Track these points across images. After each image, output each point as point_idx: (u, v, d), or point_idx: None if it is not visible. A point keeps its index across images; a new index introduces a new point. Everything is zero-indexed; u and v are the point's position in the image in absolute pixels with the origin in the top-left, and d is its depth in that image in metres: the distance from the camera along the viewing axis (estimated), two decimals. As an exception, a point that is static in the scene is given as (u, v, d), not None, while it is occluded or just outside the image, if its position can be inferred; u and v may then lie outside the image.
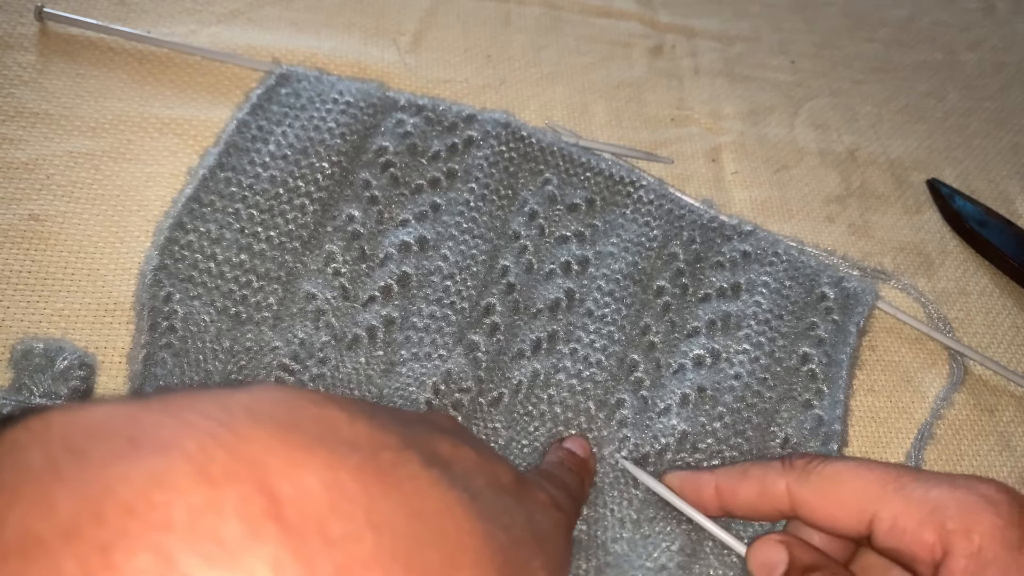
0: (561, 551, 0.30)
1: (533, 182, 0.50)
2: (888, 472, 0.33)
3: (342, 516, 0.18)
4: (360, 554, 0.18)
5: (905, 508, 0.32)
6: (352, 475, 0.19)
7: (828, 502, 0.34)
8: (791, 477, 0.35)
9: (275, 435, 0.19)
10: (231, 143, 0.47)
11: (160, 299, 0.41)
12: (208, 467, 0.17)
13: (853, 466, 0.34)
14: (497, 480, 0.27)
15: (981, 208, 0.57)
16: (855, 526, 0.33)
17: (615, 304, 0.45)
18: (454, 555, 0.21)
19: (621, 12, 0.65)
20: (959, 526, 0.30)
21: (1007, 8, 0.74)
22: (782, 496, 0.35)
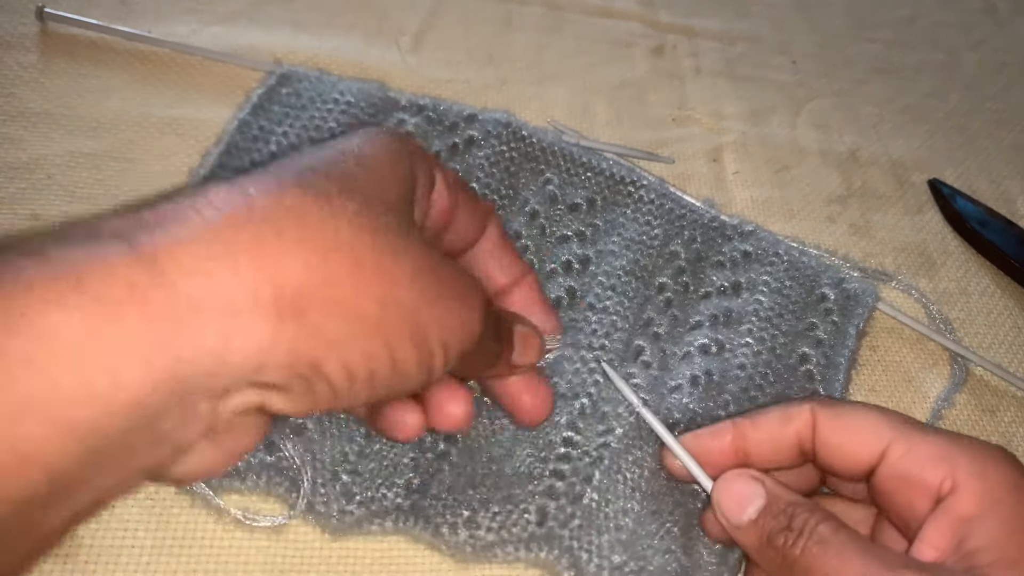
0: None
1: (534, 182, 0.50)
2: (905, 418, 0.35)
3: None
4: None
5: (921, 444, 0.33)
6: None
7: (846, 430, 0.35)
8: (814, 403, 0.36)
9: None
10: (232, 143, 0.47)
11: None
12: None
13: (873, 408, 0.35)
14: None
15: (982, 208, 0.57)
16: (868, 454, 0.34)
17: (617, 297, 0.45)
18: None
19: (622, 12, 0.65)
20: (972, 468, 0.32)
21: (1009, 9, 0.74)
22: (804, 425, 0.36)
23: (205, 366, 0.22)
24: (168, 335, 0.22)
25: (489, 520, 0.37)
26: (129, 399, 0.21)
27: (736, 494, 0.35)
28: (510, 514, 0.38)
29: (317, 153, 0.28)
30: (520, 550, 0.37)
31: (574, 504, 0.38)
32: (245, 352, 0.23)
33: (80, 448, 0.21)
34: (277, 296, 0.23)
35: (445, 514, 0.37)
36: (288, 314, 0.23)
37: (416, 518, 0.37)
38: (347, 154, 0.28)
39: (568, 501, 0.38)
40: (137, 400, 0.21)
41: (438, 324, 0.28)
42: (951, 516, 0.32)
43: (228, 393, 0.24)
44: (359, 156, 0.29)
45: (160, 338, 0.21)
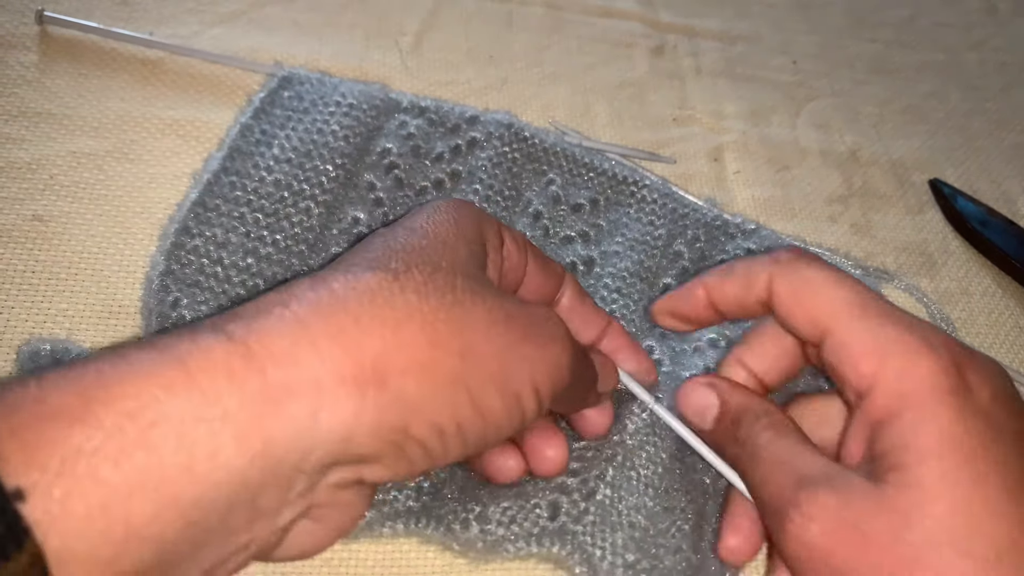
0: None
1: (537, 183, 0.50)
2: (858, 295, 0.34)
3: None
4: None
5: (857, 336, 0.32)
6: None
7: (796, 304, 0.34)
8: (775, 269, 0.35)
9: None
10: (235, 147, 0.47)
11: (167, 304, 0.41)
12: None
13: (830, 279, 0.34)
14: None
15: (983, 208, 0.57)
16: (811, 333, 0.34)
17: (623, 300, 0.45)
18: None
19: (623, 12, 0.65)
20: (896, 365, 0.31)
21: (1009, 8, 0.74)
22: (764, 286, 0.35)
23: (297, 442, 0.24)
24: (261, 416, 0.24)
25: (500, 514, 0.37)
26: (228, 476, 0.23)
27: (694, 403, 0.37)
28: (521, 508, 0.38)
29: (386, 235, 0.31)
30: (531, 545, 0.37)
31: (588, 500, 0.38)
32: (332, 425, 0.25)
33: (183, 523, 0.23)
34: (357, 371, 0.25)
35: (456, 510, 0.37)
36: (369, 384, 0.25)
37: (428, 518, 0.37)
38: (413, 230, 0.31)
39: (581, 497, 0.38)
40: (235, 477, 0.23)
41: (524, 367, 0.30)
42: (866, 418, 0.32)
43: (323, 468, 0.26)
44: (424, 229, 0.31)
45: (255, 419, 0.24)
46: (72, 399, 0.22)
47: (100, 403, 0.22)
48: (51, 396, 0.22)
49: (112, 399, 0.22)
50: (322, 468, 0.26)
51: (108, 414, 0.22)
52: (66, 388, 0.22)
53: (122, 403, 0.22)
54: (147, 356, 0.24)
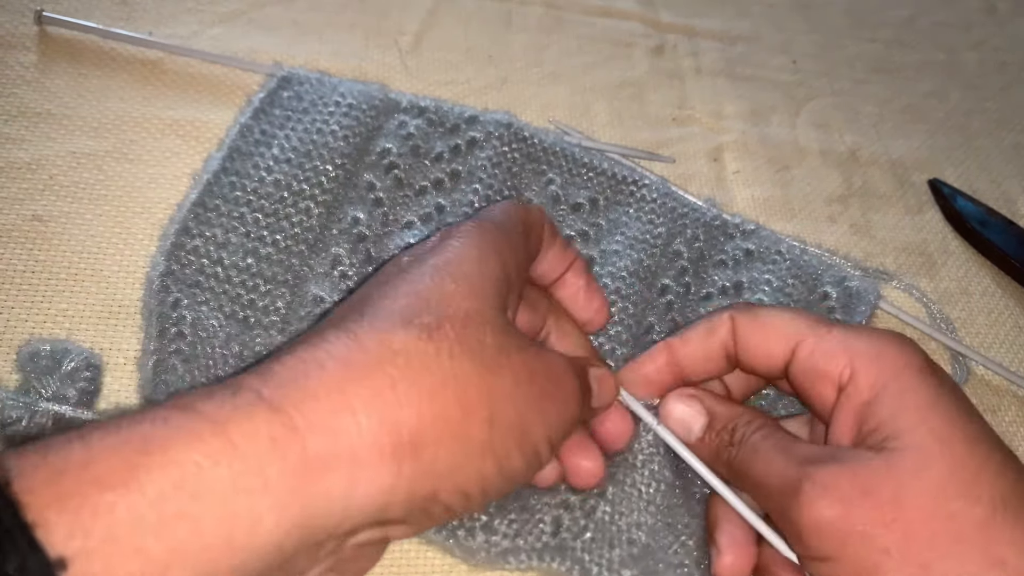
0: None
1: (536, 182, 0.50)
2: (818, 319, 0.37)
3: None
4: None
5: (826, 340, 0.35)
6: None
7: (761, 332, 0.37)
8: (734, 311, 0.38)
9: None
10: (234, 147, 0.47)
11: (168, 305, 0.41)
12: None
13: (788, 312, 0.38)
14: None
15: (983, 208, 0.57)
16: (780, 352, 0.36)
17: (622, 303, 0.45)
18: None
19: (622, 12, 0.65)
20: (868, 355, 0.34)
21: (1009, 8, 0.74)
22: (727, 333, 0.38)
23: (334, 512, 0.25)
24: (301, 486, 0.24)
25: (505, 527, 0.38)
26: (265, 546, 0.24)
27: (678, 417, 0.38)
28: (526, 523, 0.38)
29: (413, 276, 0.31)
30: (533, 559, 0.37)
31: (587, 517, 0.39)
32: (368, 496, 0.26)
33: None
34: (394, 442, 0.26)
35: (463, 518, 0.37)
36: (406, 456, 0.26)
37: None
38: (439, 270, 0.31)
39: (582, 514, 0.39)
40: (272, 546, 0.24)
41: (542, 424, 0.31)
42: (851, 403, 0.34)
43: (354, 532, 0.27)
44: (453, 270, 0.31)
45: (294, 490, 0.24)
46: (118, 464, 0.22)
47: (145, 470, 0.22)
48: (97, 460, 0.22)
49: (156, 466, 0.22)
50: (353, 532, 0.27)
51: (152, 483, 0.22)
52: (112, 453, 0.23)
53: (166, 472, 0.22)
54: (190, 422, 0.24)
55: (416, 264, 0.32)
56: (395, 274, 0.32)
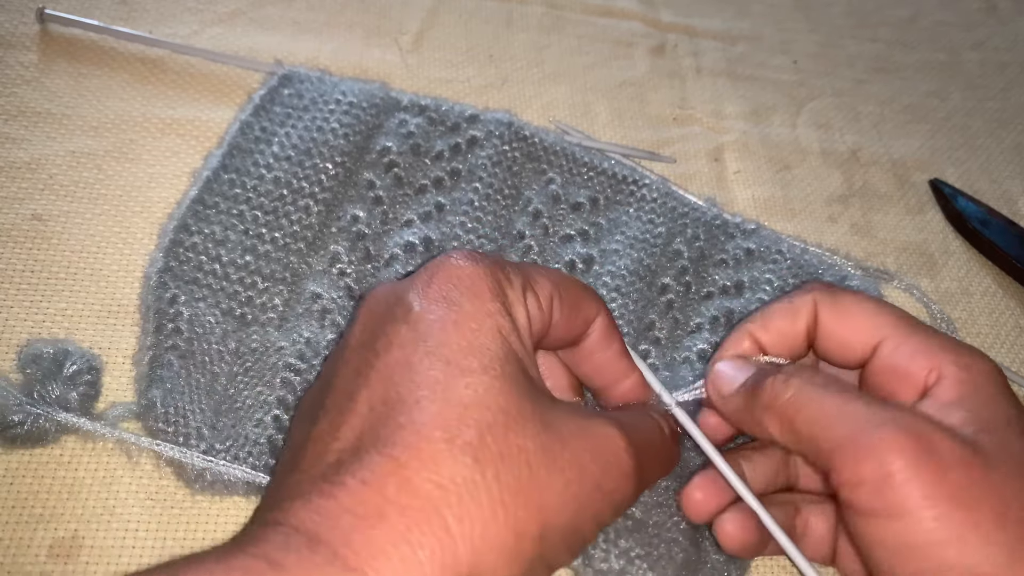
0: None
1: (537, 181, 0.50)
2: (903, 315, 0.36)
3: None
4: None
5: (912, 338, 0.34)
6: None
7: (845, 322, 0.36)
8: (819, 294, 0.37)
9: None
10: (234, 145, 0.47)
11: (165, 301, 0.41)
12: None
13: (873, 303, 0.36)
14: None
15: (984, 208, 0.56)
16: (862, 346, 0.36)
17: (621, 300, 0.45)
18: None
19: (623, 12, 0.65)
20: (956, 362, 0.33)
21: (1010, 8, 0.74)
22: (809, 317, 0.37)
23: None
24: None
25: None
26: None
27: (725, 375, 0.37)
28: None
29: (440, 364, 0.30)
30: None
31: None
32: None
33: None
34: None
35: None
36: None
37: None
38: (468, 358, 0.30)
39: None
40: None
41: (592, 520, 0.31)
42: (935, 403, 0.33)
43: None
44: (475, 352, 0.30)
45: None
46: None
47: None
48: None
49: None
50: None
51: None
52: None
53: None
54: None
55: (430, 340, 0.30)
56: (410, 350, 0.30)
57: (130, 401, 0.39)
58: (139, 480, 0.38)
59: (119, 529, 0.36)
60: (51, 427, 0.37)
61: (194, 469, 0.37)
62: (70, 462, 0.38)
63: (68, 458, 0.38)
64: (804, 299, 0.37)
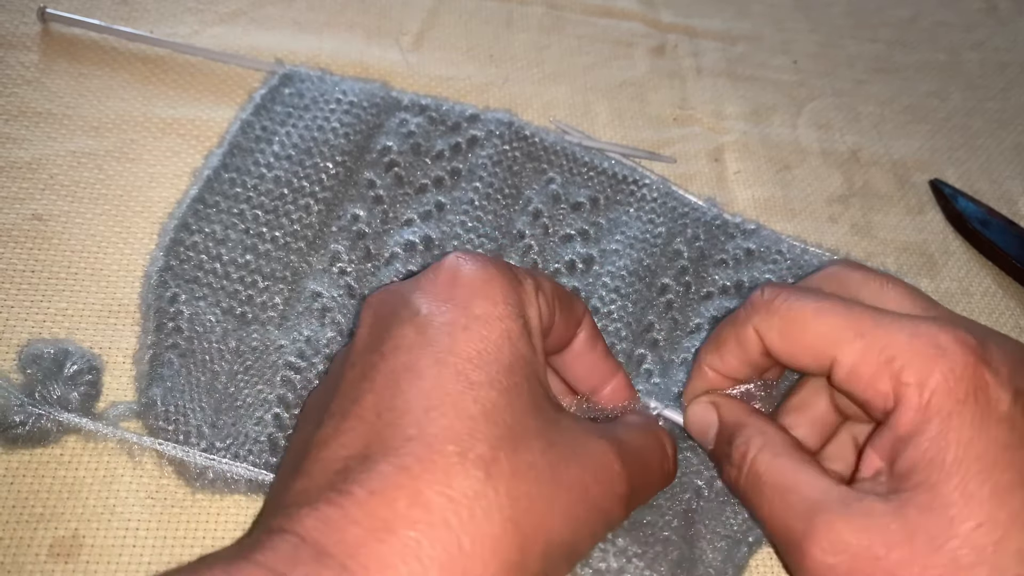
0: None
1: (537, 181, 0.50)
2: (849, 314, 0.32)
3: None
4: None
5: (863, 355, 0.31)
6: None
7: (791, 344, 0.34)
8: (756, 320, 0.35)
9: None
10: (235, 144, 0.47)
11: (166, 300, 0.41)
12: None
13: (814, 307, 0.33)
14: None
15: (984, 209, 0.56)
16: (817, 368, 0.33)
17: (621, 300, 0.45)
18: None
19: (623, 12, 0.65)
20: (912, 378, 0.30)
21: (1010, 8, 0.74)
22: (755, 341, 0.35)
23: None
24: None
25: None
26: None
27: (696, 422, 0.37)
28: None
29: (450, 374, 0.29)
30: None
31: None
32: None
33: None
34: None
35: None
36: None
37: None
38: (476, 364, 0.29)
39: None
40: None
41: (590, 538, 0.31)
42: (889, 435, 0.31)
43: None
44: (487, 362, 0.30)
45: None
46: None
47: None
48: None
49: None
50: None
51: None
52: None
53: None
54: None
55: (440, 346, 0.30)
56: (418, 354, 0.30)
57: (131, 400, 0.39)
58: (140, 479, 0.38)
59: (120, 528, 0.36)
60: (53, 427, 0.37)
61: (195, 467, 0.37)
62: (70, 461, 0.38)
63: (68, 457, 0.38)
64: (745, 328, 0.35)
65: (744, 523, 0.40)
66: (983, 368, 0.30)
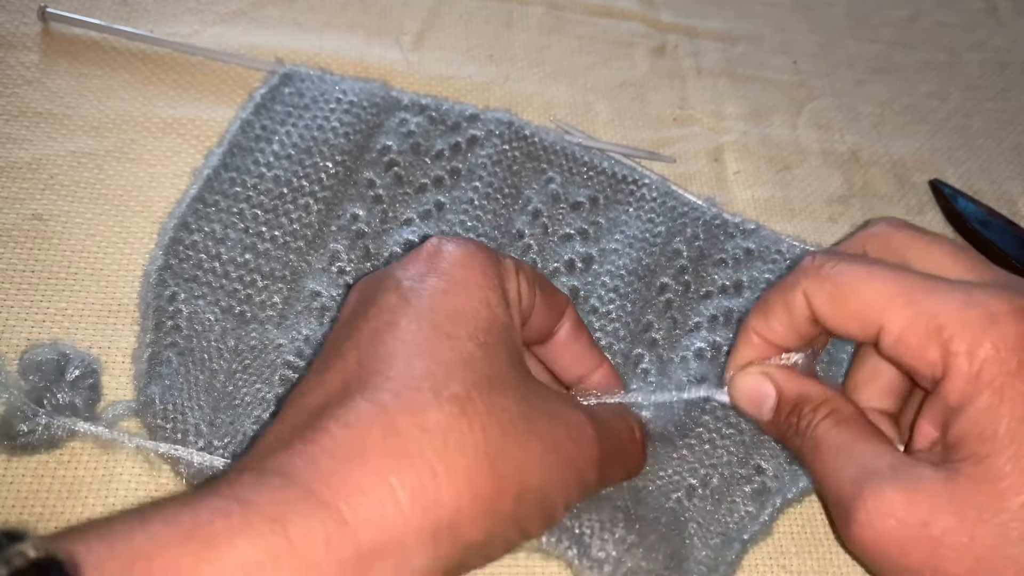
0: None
1: (536, 180, 0.50)
2: (899, 281, 0.32)
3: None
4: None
5: (912, 323, 0.31)
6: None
7: (840, 311, 0.33)
8: (807, 284, 0.34)
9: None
10: (235, 143, 0.47)
11: (165, 299, 0.41)
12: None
13: (865, 273, 0.33)
14: None
15: (984, 209, 0.56)
16: (864, 335, 0.33)
17: (619, 300, 0.45)
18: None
19: (623, 12, 0.65)
20: (961, 347, 0.29)
21: (1010, 8, 0.74)
22: (803, 306, 0.34)
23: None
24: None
25: None
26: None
27: (748, 394, 0.36)
28: None
29: (429, 327, 0.30)
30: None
31: None
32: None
33: None
34: (435, 527, 0.27)
35: None
36: (444, 538, 0.27)
37: None
38: (458, 326, 0.30)
39: None
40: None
41: (563, 493, 0.32)
42: (939, 405, 0.30)
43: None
44: (464, 320, 0.31)
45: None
46: (184, 561, 0.23)
47: (209, 564, 0.23)
48: (163, 554, 0.23)
49: (221, 562, 0.23)
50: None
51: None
52: (176, 547, 0.23)
53: (231, 570, 0.23)
54: (249, 517, 0.25)
55: (419, 304, 0.31)
56: (399, 312, 0.30)
57: (130, 399, 0.39)
58: (139, 478, 0.38)
59: (119, 528, 0.36)
60: (62, 433, 0.37)
61: (192, 466, 0.37)
62: (70, 461, 0.38)
63: (68, 457, 0.38)
64: (794, 293, 0.34)
65: (738, 521, 0.40)
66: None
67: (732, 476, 0.41)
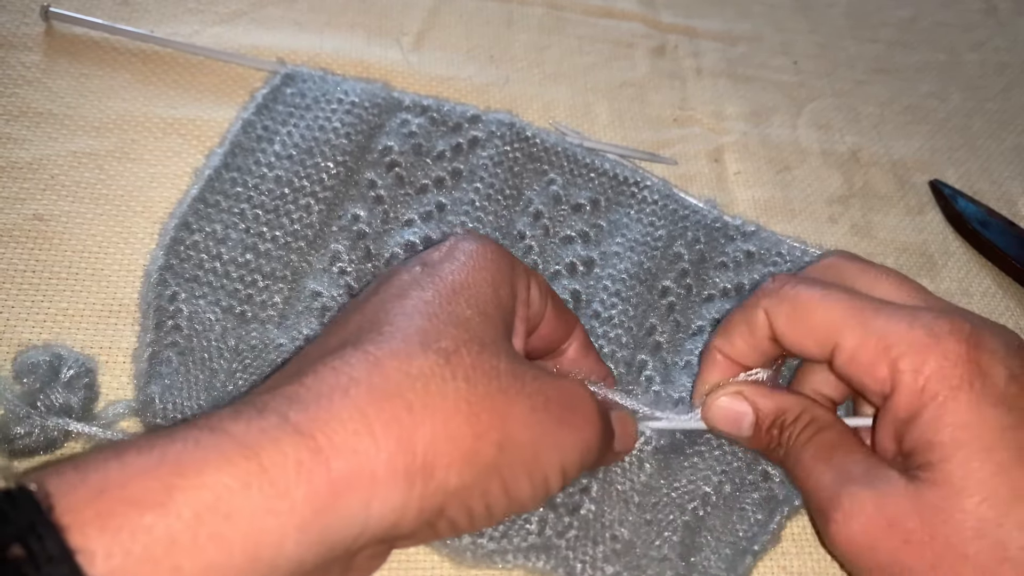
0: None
1: (538, 182, 0.50)
2: (852, 303, 0.34)
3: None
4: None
5: (863, 342, 0.33)
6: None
7: (797, 329, 0.35)
8: (767, 303, 0.36)
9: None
10: (236, 143, 0.47)
11: (166, 298, 0.41)
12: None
13: (821, 295, 0.35)
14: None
15: (983, 209, 0.57)
16: (820, 353, 0.35)
17: (622, 304, 0.45)
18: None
19: (623, 13, 0.65)
20: (908, 365, 0.32)
21: (1009, 9, 0.74)
22: (763, 324, 0.37)
23: (352, 529, 0.26)
24: (324, 507, 0.25)
25: (492, 529, 0.37)
26: (289, 562, 0.25)
27: (725, 415, 0.37)
28: (512, 523, 0.38)
29: (430, 298, 0.31)
30: (519, 558, 0.38)
31: (572, 515, 0.39)
32: (383, 514, 0.27)
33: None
34: (409, 462, 0.27)
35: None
36: (418, 477, 0.27)
37: None
38: (459, 295, 0.32)
39: (566, 511, 0.39)
40: (293, 563, 0.25)
41: (555, 453, 0.32)
42: (891, 419, 0.33)
43: (365, 546, 0.28)
44: (468, 293, 0.32)
45: (318, 510, 0.25)
46: (155, 486, 0.23)
47: (180, 491, 0.23)
48: (134, 481, 0.23)
49: (192, 488, 0.23)
50: (365, 547, 0.28)
51: (188, 504, 0.23)
52: (148, 474, 0.24)
53: (201, 494, 0.24)
54: (221, 444, 0.25)
55: (430, 280, 0.32)
56: (409, 286, 0.32)
57: (130, 399, 0.39)
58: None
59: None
60: (60, 435, 0.37)
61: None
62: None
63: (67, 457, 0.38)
64: (755, 312, 0.37)
65: (749, 531, 0.40)
66: (977, 355, 0.32)
67: (742, 482, 0.41)
